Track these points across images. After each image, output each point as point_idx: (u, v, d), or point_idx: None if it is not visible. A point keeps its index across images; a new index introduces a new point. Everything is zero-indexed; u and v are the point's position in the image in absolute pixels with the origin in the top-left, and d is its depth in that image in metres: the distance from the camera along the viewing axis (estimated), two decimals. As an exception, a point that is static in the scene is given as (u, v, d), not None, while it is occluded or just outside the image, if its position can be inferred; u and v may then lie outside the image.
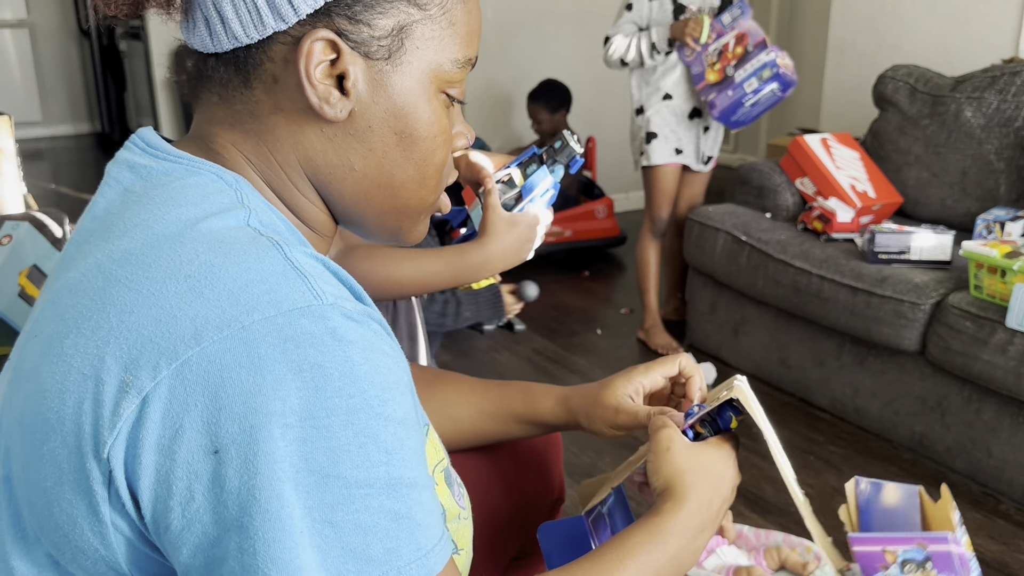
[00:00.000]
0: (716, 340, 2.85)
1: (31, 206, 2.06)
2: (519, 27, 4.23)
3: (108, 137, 6.64)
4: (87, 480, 0.54)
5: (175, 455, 0.52)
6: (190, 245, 0.57)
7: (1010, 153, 2.54)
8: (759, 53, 2.62)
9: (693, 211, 2.88)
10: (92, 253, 0.60)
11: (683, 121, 2.80)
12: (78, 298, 0.58)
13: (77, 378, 0.55)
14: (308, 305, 0.54)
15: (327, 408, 0.52)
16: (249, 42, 0.62)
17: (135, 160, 0.65)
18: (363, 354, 0.55)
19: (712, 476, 0.81)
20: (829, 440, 2.35)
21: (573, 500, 2.02)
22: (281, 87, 0.63)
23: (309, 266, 0.58)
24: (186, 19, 0.64)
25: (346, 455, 0.53)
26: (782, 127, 5.15)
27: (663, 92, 2.77)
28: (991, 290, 2.04)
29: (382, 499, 0.54)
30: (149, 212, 0.60)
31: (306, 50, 0.60)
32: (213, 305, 0.54)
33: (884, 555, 0.77)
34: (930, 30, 3.36)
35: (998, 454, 2.07)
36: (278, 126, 0.64)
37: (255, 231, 0.59)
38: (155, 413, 0.52)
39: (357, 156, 0.65)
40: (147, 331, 0.54)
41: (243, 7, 0.60)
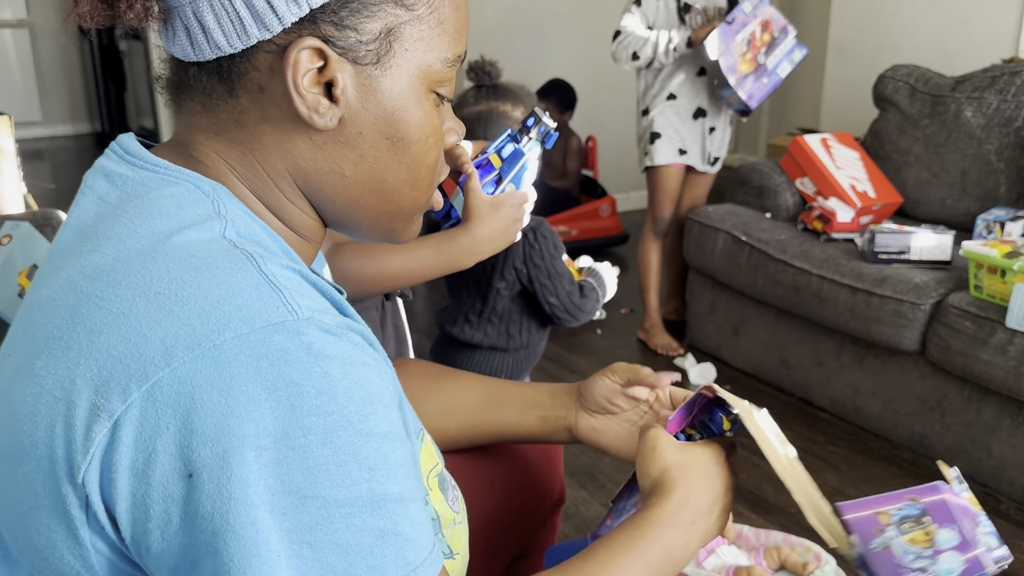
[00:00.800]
0: (716, 340, 2.85)
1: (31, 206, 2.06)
2: (520, 27, 4.23)
3: (108, 137, 6.64)
4: (64, 504, 0.53)
5: (150, 479, 0.51)
6: (161, 260, 0.55)
7: (1010, 153, 2.54)
8: (785, 37, 2.64)
9: (693, 211, 2.88)
10: (64, 268, 0.59)
11: (687, 121, 2.79)
12: (49, 317, 0.56)
13: (48, 400, 0.53)
14: (283, 321, 0.53)
15: (303, 428, 0.51)
16: (232, 51, 0.60)
17: (112, 168, 0.63)
18: (342, 368, 0.53)
19: (699, 471, 0.80)
20: (829, 440, 2.35)
21: (573, 501, 2.02)
22: (268, 96, 0.61)
23: (285, 279, 0.56)
24: (165, 28, 0.61)
25: (324, 475, 0.51)
26: (782, 127, 5.15)
27: (668, 92, 2.76)
28: (991, 290, 2.04)
29: (364, 517, 0.53)
30: (122, 225, 0.58)
31: (292, 60, 0.58)
32: (183, 323, 0.52)
33: (878, 518, 0.75)
34: (930, 30, 3.36)
35: (998, 454, 2.07)
36: (265, 135, 0.62)
37: (230, 243, 0.57)
38: (127, 436, 0.51)
39: (348, 163, 0.64)
40: (117, 351, 0.52)
41: (225, 17, 0.58)
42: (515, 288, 1.55)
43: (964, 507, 0.75)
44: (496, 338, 1.59)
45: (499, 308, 1.56)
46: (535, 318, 1.60)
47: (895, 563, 0.72)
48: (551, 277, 1.51)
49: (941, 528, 0.72)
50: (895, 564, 0.72)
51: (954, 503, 0.74)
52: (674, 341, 2.94)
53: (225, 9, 0.58)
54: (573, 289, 1.55)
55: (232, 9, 0.58)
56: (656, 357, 2.90)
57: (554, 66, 4.30)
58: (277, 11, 0.58)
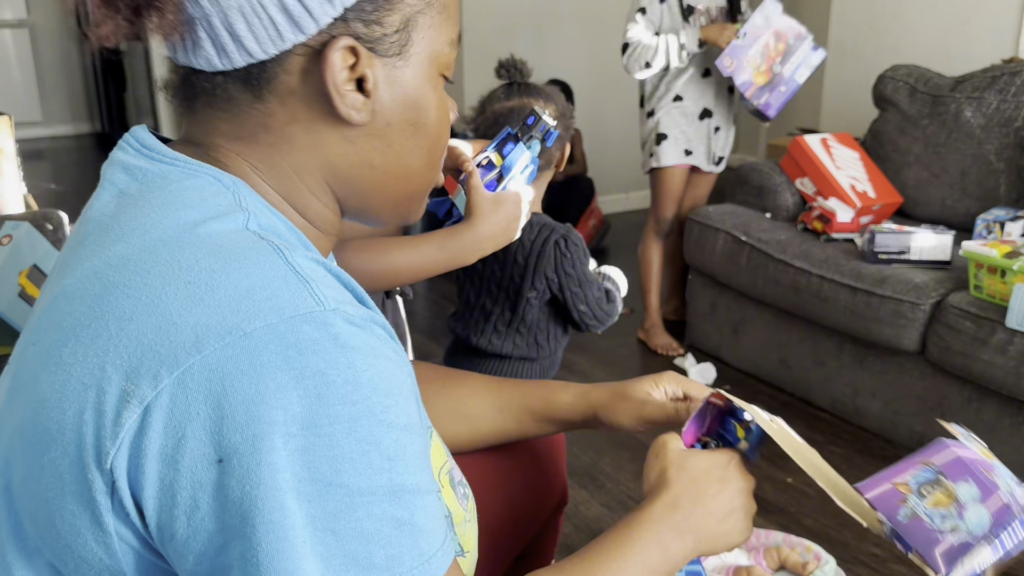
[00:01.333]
0: (716, 340, 2.85)
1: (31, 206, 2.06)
2: (520, 27, 4.23)
3: (108, 137, 6.64)
4: (89, 490, 0.54)
5: (178, 464, 0.52)
6: (189, 250, 0.56)
7: (1010, 153, 2.54)
8: (801, 44, 2.63)
9: (693, 211, 2.88)
10: (88, 259, 0.59)
11: (693, 122, 2.79)
12: (75, 305, 0.57)
13: (77, 387, 0.54)
14: (310, 311, 0.54)
15: (329, 416, 0.52)
16: (265, 57, 0.60)
17: (130, 161, 0.63)
18: (366, 360, 0.54)
19: (697, 474, 0.80)
20: (829, 440, 2.35)
21: (574, 501, 2.02)
22: (299, 98, 0.62)
23: (311, 271, 0.57)
24: (183, 39, 0.61)
25: (348, 463, 0.52)
26: (782, 127, 5.14)
27: (674, 94, 2.76)
28: (991, 290, 2.04)
29: (384, 506, 0.53)
30: (146, 216, 0.59)
31: (331, 61, 0.60)
32: (214, 312, 0.53)
33: (897, 490, 0.75)
34: (930, 30, 3.36)
35: (998, 454, 2.06)
36: (295, 136, 0.63)
37: (255, 235, 0.58)
38: (157, 422, 0.52)
39: (377, 154, 0.65)
40: (147, 339, 0.53)
41: (258, 23, 0.59)
42: (545, 297, 1.54)
43: (976, 459, 0.75)
44: (526, 349, 1.58)
45: (528, 318, 1.56)
46: (560, 325, 1.60)
47: (927, 529, 0.71)
48: (582, 285, 1.52)
49: (959, 484, 0.72)
50: (927, 530, 0.71)
51: (966, 457, 0.73)
52: (674, 341, 2.94)
53: (258, 15, 0.58)
54: (601, 296, 1.56)
55: (265, 15, 0.58)
56: (656, 357, 2.90)
57: (554, 66, 4.30)
58: (313, 13, 0.59)
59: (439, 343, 2.96)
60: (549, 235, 1.50)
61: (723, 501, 0.80)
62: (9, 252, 1.62)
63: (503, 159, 1.18)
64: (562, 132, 1.51)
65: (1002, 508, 0.68)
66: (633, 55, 2.68)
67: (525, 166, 1.19)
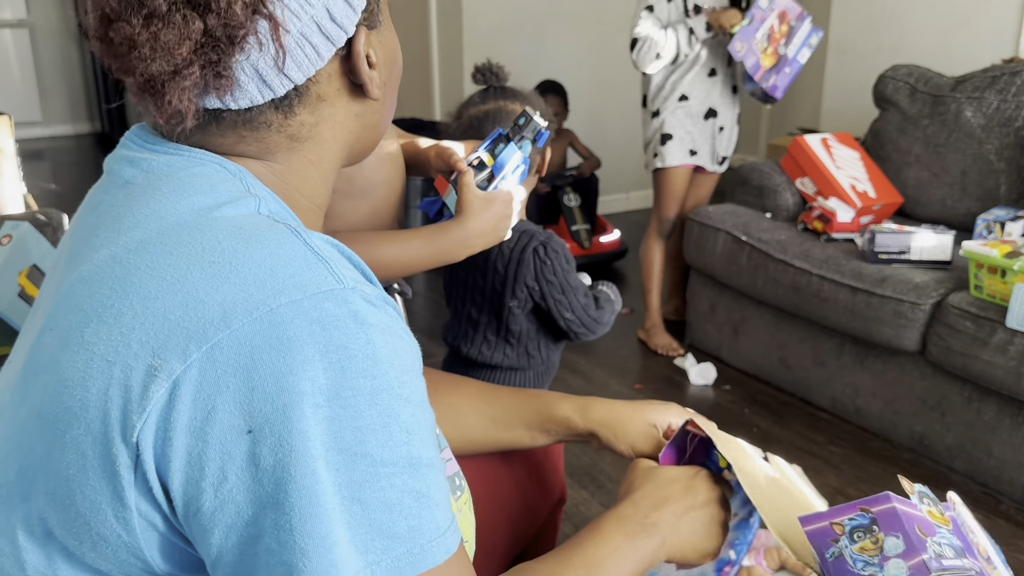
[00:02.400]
0: (716, 340, 2.85)
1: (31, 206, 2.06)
2: (519, 27, 4.23)
3: (108, 137, 6.65)
4: (113, 465, 0.54)
5: (207, 436, 0.53)
6: (209, 232, 0.58)
7: (1010, 153, 2.54)
8: (802, 24, 2.67)
9: (693, 211, 2.88)
10: (104, 246, 0.60)
11: (698, 122, 2.79)
12: (95, 289, 0.58)
13: (101, 365, 0.55)
14: (331, 289, 0.56)
15: (352, 388, 0.54)
16: (307, 78, 0.63)
17: (133, 155, 0.64)
18: (383, 337, 0.56)
19: (662, 482, 0.84)
20: (829, 440, 2.35)
21: (574, 501, 2.02)
22: (326, 102, 0.66)
23: (327, 251, 0.59)
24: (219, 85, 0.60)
25: (371, 434, 0.54)
26: (782, 127, 5.15)
27: (679, 93, 2.75)
28: (991, 290, 2.04)
29: (405, 478, 0.55)
30: (158, 203, 0.60)
31: (361, 54, 0.64)
32: (240, 289, 0.55)
33: (832, 528, 0.77)
34: (930, 30, 3.36)
35: (998, 454, 2.07)
36: (322, 134, 0.67)
37: (269, 219, 0.61)
38: (186, 396, 0.53)
39: (374, 115, 0.71)
40: (174, 316, 0.54)
41: (300, 53, 0.61)
42: (528, 306, 1.52)
43: (919, 518, 0.77)
44: (516, 359, 1.56)
45: (515, 328, 1.53)
46: (551, 334, 1.58)
47: (848, 571, 0.75)
48: (565, 292, 1.48)
49: (888, 536, 0.75)
50: (849, 572, 0.74)
51: (904, 512, 0.76)
52: (674, 341, 2.94)
53: (300, 46, 0.61)
54: (588, 302, 1.52)
55: (308, 44, 0.61)
56: (656, 357, 2.90)
57: (554, 66, 4.30)
58: (343, 25, 0.63)
59: (439, 344, 2.96)
60: (528, 242, 1.47)
61: (686, 505, 0.83)
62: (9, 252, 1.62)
63: (494, 159, 1.19)
64: None
65: (920, 567, 0.71)
66: (643, 49, 2.68)
67: (516, 166, 1.20)
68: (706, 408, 2.53)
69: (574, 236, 3.69)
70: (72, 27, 6.83)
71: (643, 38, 2.67)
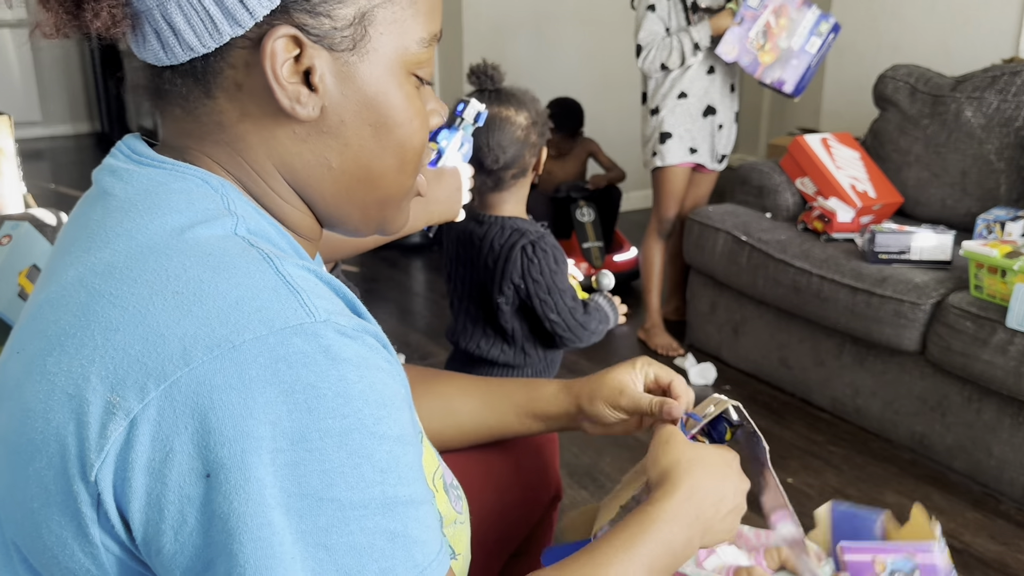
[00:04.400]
0: (716, 340, 2.85)
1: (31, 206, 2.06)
2: (519, 28, 4.23)
3: (108, 137, 6.64)
4: (75, 502, 0.53)
5: (166, 478, 0.51)
6: (177, 258, 0.55)
7: (1010, 153, 2.54)
8: (806, 14, 2.64)
9: (693, 211, 2.87)
10: (74, 265, 0.58)
11: (698, 120, 2.78)
12: (60, 314, 0.56)
13: (61, 398, 0.53)
14: (301, 323, 0.53)
15: (320, 430, 0.51)
16: (206, 51, 0.59)
17: (118, 166, 0.62)
18: (357, 372, 0.54)
19: (709, 467, 0.81)
20: (829, 440, 2.35)
21: (573, 500, 2.02)
22: (246, 93, 0.60)
23: (302, 280, 0.56)
24: (134, 33, 0.60)
25: (340, 477, 0.52)
26: (782, 127, 5.15)
27: (678, 91, 2.75)
28: (991, 290, 2.04)
29: (377, 519, 0.53)
30: (132, 221, 0.58)
31: (269, 50, 0.58)
32: (202, 323, 0.52)
33: (874, 565, 0.78)
34: (930, 30, 3.36)
35: (998, 454, 2.07)
36: (248, 133, 0.62)
37: (244, 240, 0.57)
38: (144, 435, 0.51)
39: (333, 153, 0.63)
40: (134, 350, 0.52)
41: (195, 17, 0.57)
42: (515, 303, 1.52)
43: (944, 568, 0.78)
44: (513, 356, 1.56)
45: (506, 326, 1.53)
46: (541, 337, 1.56)
47: None
48: (551, 292, 1.48)
49: None
50: None
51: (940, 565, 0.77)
52: (674, 341, 2.94)
53: (195, 9, 0.57)
54: (576, 306, 1.51)
55: (202, 8, 0.57)
56: (656, 357, 2.90)
57: (554, 66, 4.30)
58: (248, 5, 0.57)
59: (439, 344, 2.96)
60: (518, 240, 1.47)
61: (730, 497, 0.81)
62: (9, 252, 1.62)
63: (437, 145, 1.28)
64: (536, 138, 1.51)
65: None
66: (648, 58, 2.68)
67: (460, 145, 1.29)
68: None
69: (585, 254, 3.47)
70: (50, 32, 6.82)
71: (647, 45, 2.67)
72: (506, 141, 1.47)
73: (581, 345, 1.54)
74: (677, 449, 0.82)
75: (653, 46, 2.66)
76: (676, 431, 0.85)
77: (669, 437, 0.84)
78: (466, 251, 1.57)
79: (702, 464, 0.81)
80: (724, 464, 0.83)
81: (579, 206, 3.55)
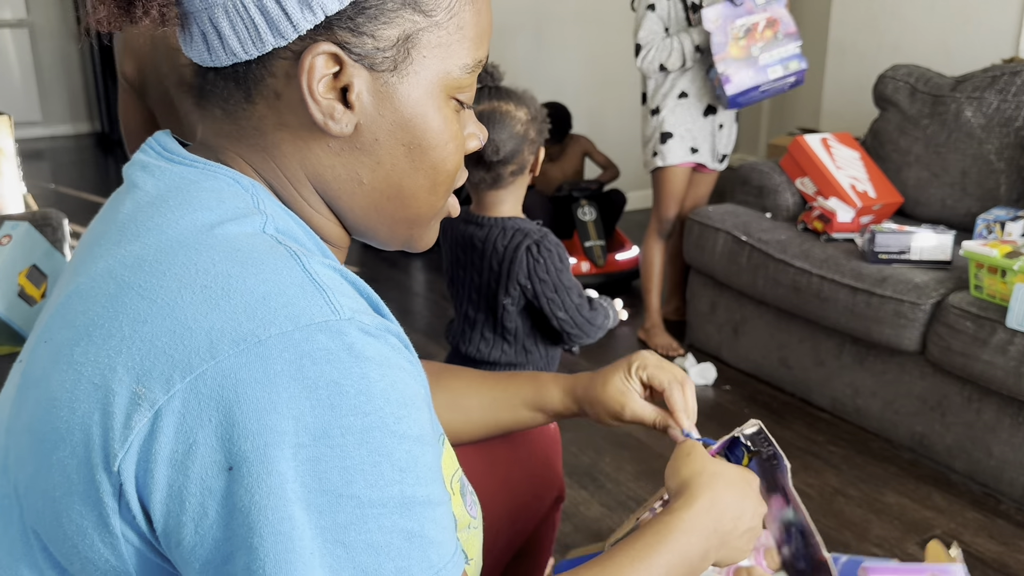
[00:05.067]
0: (716, 340, 2.85)
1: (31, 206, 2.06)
2: (519, 28, 4.23)
3: (108, 137, 6.64)
4: (97, 492, 0.53)
5: (188, 470, 0.51)
6: (206, 253, 0.56)
7: (1010, 153, 2.54)
8: (789, 43, 2.62)
9: (693, 211, 2.87)
10: (103, 257, 0.59)
11: (698, 119, 2.78)
12: (89, 304, 0.57)
13: (87, 387, 0.54)
14: (326, 320, 0.53)
15: (342, 427, 0.52)
16: (248, 58, 0.60)
17: (149, 162, 0.64)
18: (380, 370, 0.54)
19: (729, 482, 0.81)
20: (829, 440, 2.35)
21: (574, 501, 2.02)
22: (284, 103, 0.61)
23: (327, 278, 0.57)
24: (183, 32, 0.61)
25: (360, 475, 0.52)
26: (782, 127, 5.15)
27: (679, 90, 2.74)
28: (991, 290, 2.04)
29: (395, 518, 0.53)
30: (163, 216, 0.59)
31: (307, 65, 0.58)
32: (229, 318, 0.53)
33: None
34: (930, 30, 3.36)
35: (998, 454, 2.07)
36: (283, 142, 0.63)
37: (272, 238, 0.58)
38: (168, 427, 0.51)
39: (365, 170, 0.64)
40: (160, 342, 0.53)
41: (240, 24, 0.58)
42: (521, 303, 1.52)
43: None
44: (514, 355, 1.56)
45: (510, 325, 1.54)
46: (546, 334, 1.57)
47: None
48: (558, 291, 1.48)
49: None
50: None
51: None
52: (674, 341, 2.94)
53: (240, 16, 0.58)
54: (582, 302, 1.51)
55: (248, 16, 0.58)
56: (656, 357, 2.90)
57: (554, 66, 4.30)
58: (292, 18, 0.58)
59: (439, 343, 2.96)
60: (522, 240, 1.48)
61: (748, 517, 0.81)
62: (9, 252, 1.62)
63: None
64: (535, 135, 1.51)
65: None
66: (647, 58, 2.67)
67: None
68: (706, 408, 2.53)
69: (587, 253, 3.48)
70: (72, 27, 6.83)
71: (647, 45, 2.66)
72: (506, 135, 1.47)
73: (587, 341, 1.55)
74: (699, 462, 0.83)
75: (652, 46, 2.65)
76: (697, 445, 0.86)
77: (691, 450, 0.85)
78: (466, 255, 1.57)
79: (724, 479, 0.81)
80: (745, 483, 0.83)
81: (580, 205, 3.55)
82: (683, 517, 0.77)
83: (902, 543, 1.90)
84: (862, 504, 2.03)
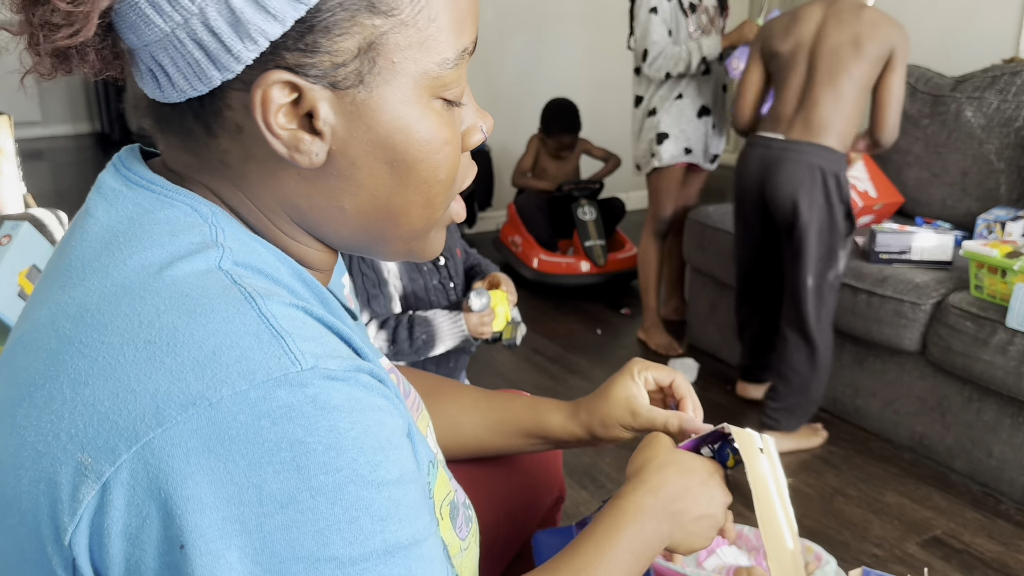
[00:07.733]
0: (716, 340, 2.85)
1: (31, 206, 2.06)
2: (519, 27, 4.23)
3: (108, 137, 6.64)
4: (49, 564, 0.50)
5: (144, 545, 0.47)
6: (151, 301, 0.51)
7: (1010, 153, 2.54)
8: None
9: (693, 211, 2.88)
10: (47, 303, 0.55)
11: (692, 120, 2.80)
12: (31, 359, 0.53)
13: (31, 454, 0.50)
14: (284, 374, 0.48)
15: (311, 488, 0.48)
16: (197, 94, 0.54)
17: (107, 186, 0.59)
18: (350, 418, 0.49)
19: (684, 471, 0.81)
20: (829, 440, 2.35)
21: (574, 501, 2.01)
22: (247, 135, 0.55)
23: (287, 320, 0.51)
24: (134, 68, 0.56)
25: (336, 534, 0.48)
26: (782, 127, 5.14)
27: (676, 92, 2.76)
28: (991, 290, 2.04)
29: (380, 568, 0.50)
30: (110, 255, 0.54)
31: (259, 99, 0.52)
32: (176, 377, 0.48)
33: None
34: (930, 30, 3.36)
35: (998, 454, 2.07)
36: (251, 173, 0.57)
37: (227, 276, 0.53)
38: (118, 500, 0.47)
39: (345, 195, 0.57)
40: (103, 407, 0.48)
41: (182, 60, 0.52)
42: None
43: None
44: None
45: None
46: None
47: None
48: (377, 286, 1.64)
49: None
50: None
51: None
52: (674, 341, 2.94)
53: (180, 51, 0.52)
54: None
55: (187, 51, 0.52)
56: (655, 357, 2.90)
57: (553, 66, 4.30)
58: (232, 50, 0.51)
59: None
60: None
61: (702, 502, 0.81)
62: (9, 252, 1.62)
63: None
64: None
65: None
66: (655, 64, 2.68)
67: None
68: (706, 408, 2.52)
69: (588, 252, 3.46)
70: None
71: (656, 50, 2.67)
72: None
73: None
74: (653, 450, 0.84)
75: (662, 54, 2.67)
76: (661, 436, 0.86)
77: (651, 441, 0.85)
78: None
79: (676, 465, 0.82)
80: (703, 471, 0.82)
81: (580, 204, 3.55)
82: (632, 499, 0.78)
83: (902, 543, 1.90)
84: (862, 504, 2.03)
